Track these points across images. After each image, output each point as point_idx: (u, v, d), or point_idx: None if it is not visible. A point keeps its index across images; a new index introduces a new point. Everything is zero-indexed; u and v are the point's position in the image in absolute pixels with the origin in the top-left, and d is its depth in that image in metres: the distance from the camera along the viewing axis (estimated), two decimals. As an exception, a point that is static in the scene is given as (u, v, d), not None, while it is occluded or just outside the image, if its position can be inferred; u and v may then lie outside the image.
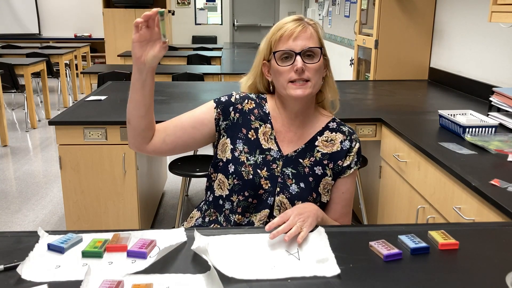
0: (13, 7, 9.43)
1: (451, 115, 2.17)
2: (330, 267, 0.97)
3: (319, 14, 8.13)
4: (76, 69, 7.74)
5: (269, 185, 1.31)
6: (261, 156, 1.33)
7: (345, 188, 1.37)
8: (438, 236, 1.09)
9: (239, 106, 1.36)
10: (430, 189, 1.87)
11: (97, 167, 2.45)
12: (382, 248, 1.03)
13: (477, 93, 2.88)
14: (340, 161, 1.34)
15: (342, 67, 6.59)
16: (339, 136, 1.36)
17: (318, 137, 1.36)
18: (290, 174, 1.32)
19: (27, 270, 0.95)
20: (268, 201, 1.31)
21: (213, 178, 1.40)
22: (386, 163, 2.40)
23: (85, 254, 1.02)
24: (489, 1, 2.00)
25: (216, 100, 1.37)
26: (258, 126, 1.35)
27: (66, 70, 6.93)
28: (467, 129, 2.01)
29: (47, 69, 6.07)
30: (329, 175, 1.34)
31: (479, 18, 2.90)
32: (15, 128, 5.66)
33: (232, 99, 1.37)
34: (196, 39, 9.73)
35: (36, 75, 6.33)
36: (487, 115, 2.25)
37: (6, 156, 4.61)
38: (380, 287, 0.91)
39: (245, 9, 10.03)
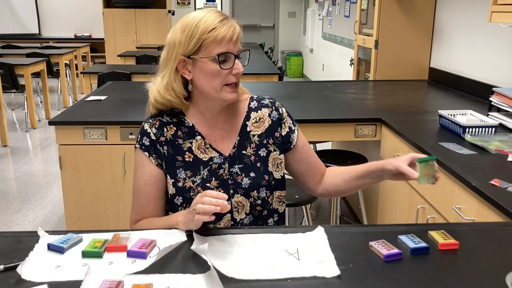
0: (13, 7, 9.43)
1: (451, 115, 2.17)
2: (329, 268, 0.97)
3: (319, 14, 8.13)
4: (76, 69, 7.74)
5: (222, 191, 1.27)
6: (206, 169, 1.29)
7: (301, 143, 1.40)
8: (438, 236, 1.09)
9: (162, 138, 1.28)
10: (430, 189, 1.87)
11: (97, 167, 2.45)
12: (382, 248, 1.03)
13: (477, 93, 2.87)
14: (276, 133, 1.36)
15: (342, 67, 6.60)
16: (265, 111, 1.37)
17: (247, 123, 1.35)
18: (238, 170, 1.31)
19: (27, 270, 0.95)
20: None
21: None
22: (386, 163, 2.40)
23: (85, 254, 1.02)
24: (489, 1, 2.00)
25: (142, 147, 1.28)
26: (190, 145, 1.30)
27: (66, 70, 6.93)
28: (467, 129, 2.01)
29: (47, 69, 6.07)
30: (273, 150, 1.35)
31: (479, 18, 2.90)
32: (15, 128, 5.66)
33: (152, 136, 1.28)
34: (196, 39, 9.72)
35: (36, 75, 6.33)
36: (487, 115, 2.25)
37: (6, 156, 4.61)
38: (380, 287, 0.91)
39: (245, 9, 10.03)
